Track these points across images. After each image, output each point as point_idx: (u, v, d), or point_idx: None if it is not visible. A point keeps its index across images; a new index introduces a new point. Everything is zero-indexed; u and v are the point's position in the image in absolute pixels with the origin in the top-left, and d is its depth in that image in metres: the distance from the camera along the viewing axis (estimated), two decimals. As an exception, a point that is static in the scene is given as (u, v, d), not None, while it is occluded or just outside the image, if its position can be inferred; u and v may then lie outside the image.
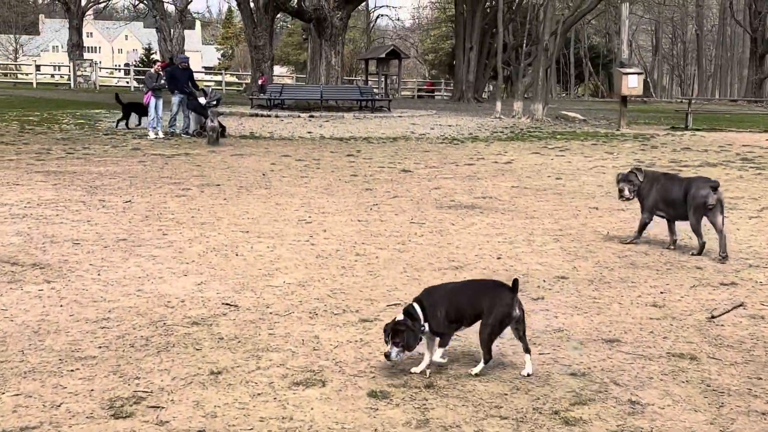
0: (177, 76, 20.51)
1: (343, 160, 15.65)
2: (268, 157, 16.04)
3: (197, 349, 4.69)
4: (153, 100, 20.17)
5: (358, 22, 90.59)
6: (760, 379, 4.21)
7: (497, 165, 15.18)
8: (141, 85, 19.31)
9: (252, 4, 42.48)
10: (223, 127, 20.74)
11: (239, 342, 4.83)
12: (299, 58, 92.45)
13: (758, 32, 54.60)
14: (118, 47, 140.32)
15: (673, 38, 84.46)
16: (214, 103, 20.72)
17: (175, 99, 20.70)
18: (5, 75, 63.36)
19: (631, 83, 23.01)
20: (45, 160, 14.30)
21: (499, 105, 28.97)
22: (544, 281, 6.36)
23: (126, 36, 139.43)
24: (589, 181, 12.89)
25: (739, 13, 61.20)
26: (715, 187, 7.23)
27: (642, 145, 19.20)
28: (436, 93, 67.50)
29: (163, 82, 20.35)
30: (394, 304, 5.61)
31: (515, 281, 4.29)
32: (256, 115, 28.05)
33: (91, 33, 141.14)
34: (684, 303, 5.71)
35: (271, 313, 5.45)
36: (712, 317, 5.29)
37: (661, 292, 6.03)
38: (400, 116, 29.07)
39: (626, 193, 7.74)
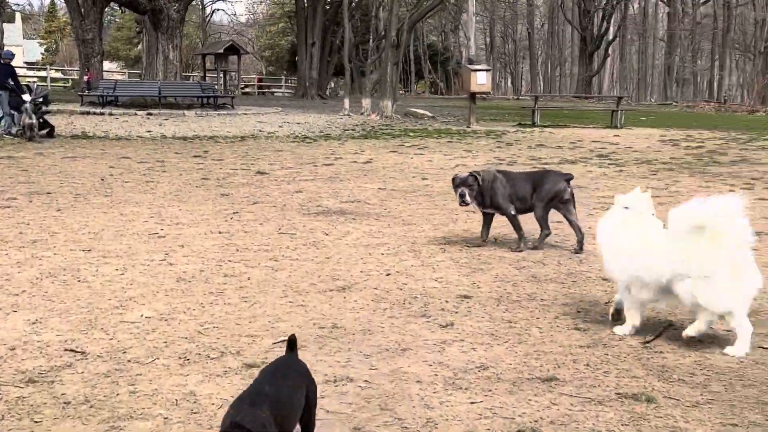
0: (-2, 72, 18.44)
1: (191, 162, 14.40)
2: (106, 159, 14.54)
3: (36, 422, 3.57)
4: (-28, 97, 18.05)
5: (193, 17, 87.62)
6: (735, 426, 3.60)
7: (357, 165, 14.42)
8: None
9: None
10: (51, 127, 18.87)
11: (92, 407, 3.73)
12: (130, 54, 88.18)
13: (587, 31, 56.96)
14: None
15: (504, 36, 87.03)
16: (40, 100, 18.81)
17: (-2, 96, 18.60)
18: None
19: (480, 80, 22.91)
20: None
21: (347, 102, 28.26)
22: (447, 302, 5.60)
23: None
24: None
25: (569, 12, 63.73)
26: (569, 180, 7.39)
27: (497, 143, 19.02)
28: (275, 90, 66.14)
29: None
30: (282, 341, 4.67)
31: None
32: (88, 113, 25.96)
33: None
34: (608, 325, 5.09)
35: (129, 360, 4.37)
36: (647, 343, 4.69)
37: (578, 311, 5.40)
38: (245, 114, 27.81)
39: (467, 198, 7.32)
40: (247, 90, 60.07)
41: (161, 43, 29.29)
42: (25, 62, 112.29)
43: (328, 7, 45.78)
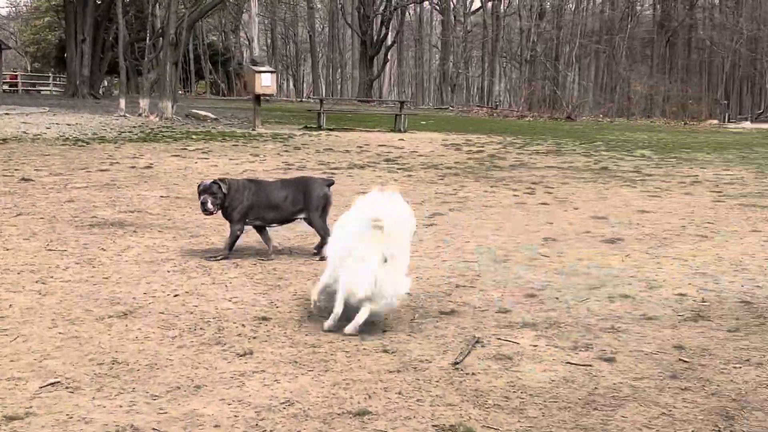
0: None
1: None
2: None
3: None
4: None
5: (-55, 6, 79.93)
6: (562, 455, 3.42)
7: (136, 170, 13.46)
8: None
9: None
10: None
11: None
12: None
13: (367, 35, 57.93)
14: None
15: (286, 39, 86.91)
16: None
17: None
18: None
19: (265, 82, 22.38)
20: None
21: (122, 102, 26.66)
22: (244, 325, 5.11)
23: None
24: (244, 187, 11.79)
25: (349, 16, 64.50)
26: (330, 185, 7.49)
27: (284, 146, 18.60)
28: (42, 88, 61.74)
29: None
30: (53, 383, 4.00)
31: None
32: None
33: None
34: (416, 345, 4.83)
35: None
36: (456, 363, 4.48)
37: (384, 330, 5.11)
38: (6, 114, 25.46)
39: (209, 206, 7.03)
40: (7, 88, 55.64)
41: None
42: None
43: (99, 2, 43.26)
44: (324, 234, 7.00)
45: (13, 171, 12.77)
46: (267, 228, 7.35)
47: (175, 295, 5.79)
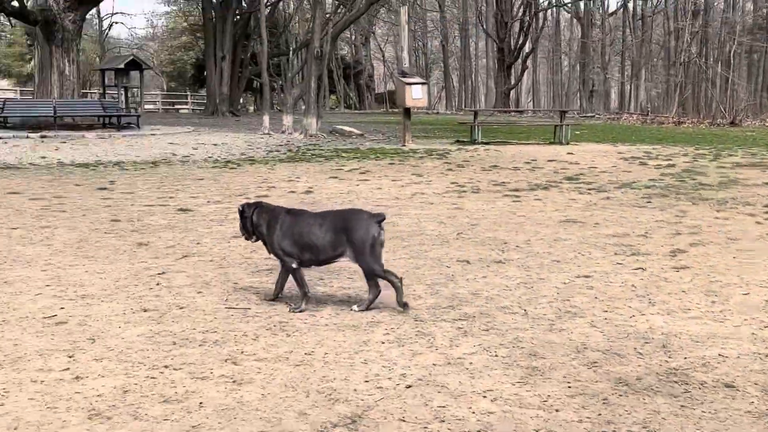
0: None
1: (96, 197, 12.00)
2: (-11, 196, 12.00)
3: None
4: None
5: (89, 30, 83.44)
6: None
7: (297, 196, 12.28)
8: None
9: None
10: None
11: None
12: (22, 71, 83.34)
13: (505, 42, 56.00)
14: None
15: (415, 50, 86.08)
16: None
17: None
18: None
19: (416, 94, 21.05)
20: None
21: (266, 120, 25.96)
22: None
23: None
24: (422, 215, 10.35)
25: (485, 24, 62.62)
26: (381, 222, 5.87)
27: (444, 164, 17.14)
28: (180, 107, 63.04)
29: None
30: None
31: None
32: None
33: None
34: None
35: None
36: None
37: None
38: (153, 134, 25.22)
39: (240, 231, 6.25)
40: (149, 107, 56.97)
41: (55, 57, 26.37)
42: None
43: (238, 18, 43.31)
44: (384, 277, 5.75)
45: (168, 199, 11.83)
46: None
47: (408, 386, 4.33)
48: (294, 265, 5.93)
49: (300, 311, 5.76)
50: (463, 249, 8.12)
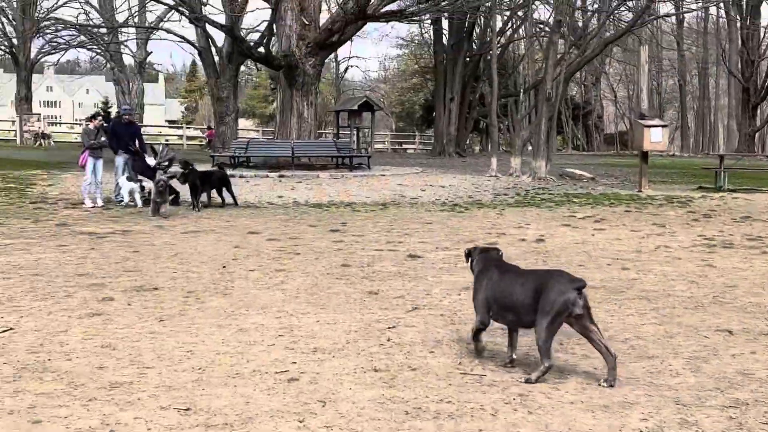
0: (119, 133, 16.96)
1: (327, 239, 12.13)
2: (231, 234, 12.49)
3: None
4: (90, 161, 16.60)
5: (326, 74, 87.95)
6: None
7: (527, 244, 11.74)
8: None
9: (215, 54, 39.36)
10: (176, 193, 17.16)
11: None
12: (265, 112, 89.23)
13: (751, 81, 52.27)
14: (78, 101, 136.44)
15: (649, 89, 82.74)
16: (166, 164, 17.16)
17: (119, 160, 17.09)
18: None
19: (655, 137, 19.86)
20: (-73, 247, 10.60)
21: (494, 162, 25.66)
22: None
23: (87, 90, 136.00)
24: (669, 273, 9.43)
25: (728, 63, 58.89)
26: (581, 288, 5.19)
27: (688, 213, 15.89)
28: (408, 147, 64.48)
29: (103, 139, 16.81)
30: None
31: None
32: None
33: (52, 87, 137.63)
34: None
35: None
36: None
37: None
38: (382, 175, 25.69)
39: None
40: (378, 146, 58.74)
41: (296, 100, 27.70)
42: (167, 120, 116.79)
43: (468, 60, 43.63)
44: (543, 353, 5.17)
45: (397, 243, 11.71)
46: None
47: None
48: (479, 324, 5.65)
49: (533, 381, 5.23)
50: (722, 316, 7.21)
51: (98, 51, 54.42)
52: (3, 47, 50.04)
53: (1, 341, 6.05)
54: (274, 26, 28.08)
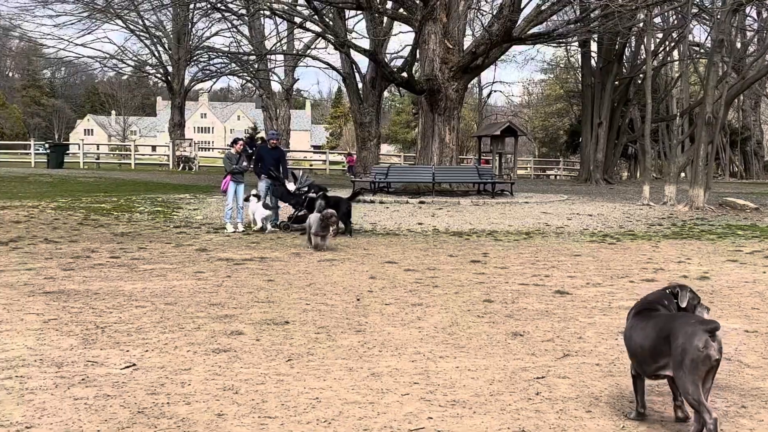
0: (264, 157, 16.99)
1: (468, 271, 11.44)
2: (367, 264, 12.02)
3: None
4: (232, 186, 16.63)
5: (469, 99, 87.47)
6: None
7: (689, 282, 10.61)
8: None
9: (359, 80, 39.60)
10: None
11: None
12: (407, 137, 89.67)
13: None
14: (230, 127, 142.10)
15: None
16: (305, 189, 17.01)
17: (262, 185, 17.09)
18: (111, 155, 62.60)
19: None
20: (73, 269, 10.69)
21: (646, 189, 24.19)
22: None
23: (238, 116, 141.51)
24: None
25: None
26: (713, 331, 4.49)
27: None
28: (551, 173, 62.87)
29: (245, 164, 16.83)
30: None
31: None
32: (357, 201, 24.25)
33: (205, 114, 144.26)
34: None
35: None
36: None
37: None
38: (526, 202, 24.75)
39: None
40: (521, 172, 57.52)
41: (437, 125, 27.23)
42: (312, 145, 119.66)
43: (617, 83, 41.97)
44: (698, 408, 4.40)
45: (543, 278, 10.88)
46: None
47: None
48: (632, 372, 5.04)
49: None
50: None
51: (248, 78, 56.20)
52: (159, 75, 52.37)
53: (122, 379, 5.73)
54: (417, 50, 27.76)
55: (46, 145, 43.15)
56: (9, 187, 27.33)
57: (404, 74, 27.68)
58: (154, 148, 63.38)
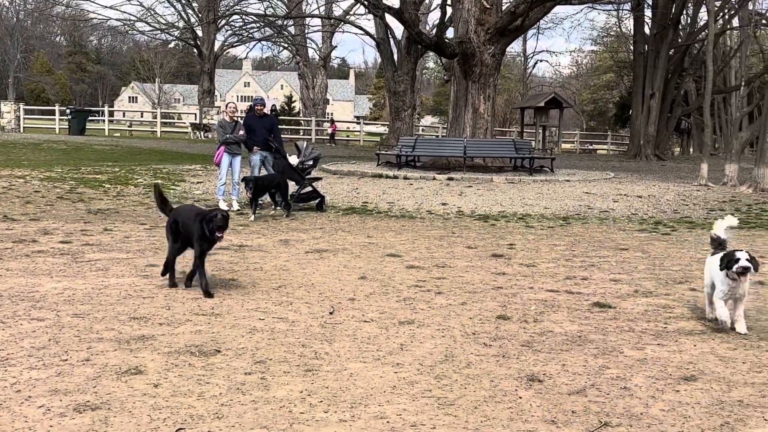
0: (253, 127, 14.77)
1: (485, 270, 9.20)
2: (364, 257, 9.84)
3: None
4: (226, 159, 14.55)
5: (514, 70, 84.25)
6: None
7: (760, 284, 8.28)
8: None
9: (393, 46, 37.25)
10: (320, 197, 14.83)
11: None
12: (448, 108, 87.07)
13: None
14: (273, 96, 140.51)
15: None
16: (310, 163, 14.86)
17: (254, 158, 14.91)
18: (143, 123, 61.14)
19: None
20: (1, 258, 8.69)
21: (704, 168, 21.54)
22: None
23: (282, 86, 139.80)
24: None
25: None
26: None
27: None
28: (599, 147, 59.91)
29: (242, 133, 14.67)
30: None
31: None
32: (380, 175, 22.02)
33: (249, 83, 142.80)
34: None
35: None
36: None
37: None
38: (567, 180, 22.29)
39: None
40: (566, 146, 54.77)
41: (471, 93, 24.76)
42: (355, 116, 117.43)
43: (672, 53, 38.90)
44: None
45: (579, 281, 8.60)
46: None
47: None
48: None
49: None
50: None
51: (285, 45, 54.08)
52: (188, 39, 50.50)
53: None
54: (450, 10, 25.30)
55: (67, 111, 41.71)
56: (14, 154, 25.72)
57: (434, 36, 25.21)
58: (179, 116, 61.39)
